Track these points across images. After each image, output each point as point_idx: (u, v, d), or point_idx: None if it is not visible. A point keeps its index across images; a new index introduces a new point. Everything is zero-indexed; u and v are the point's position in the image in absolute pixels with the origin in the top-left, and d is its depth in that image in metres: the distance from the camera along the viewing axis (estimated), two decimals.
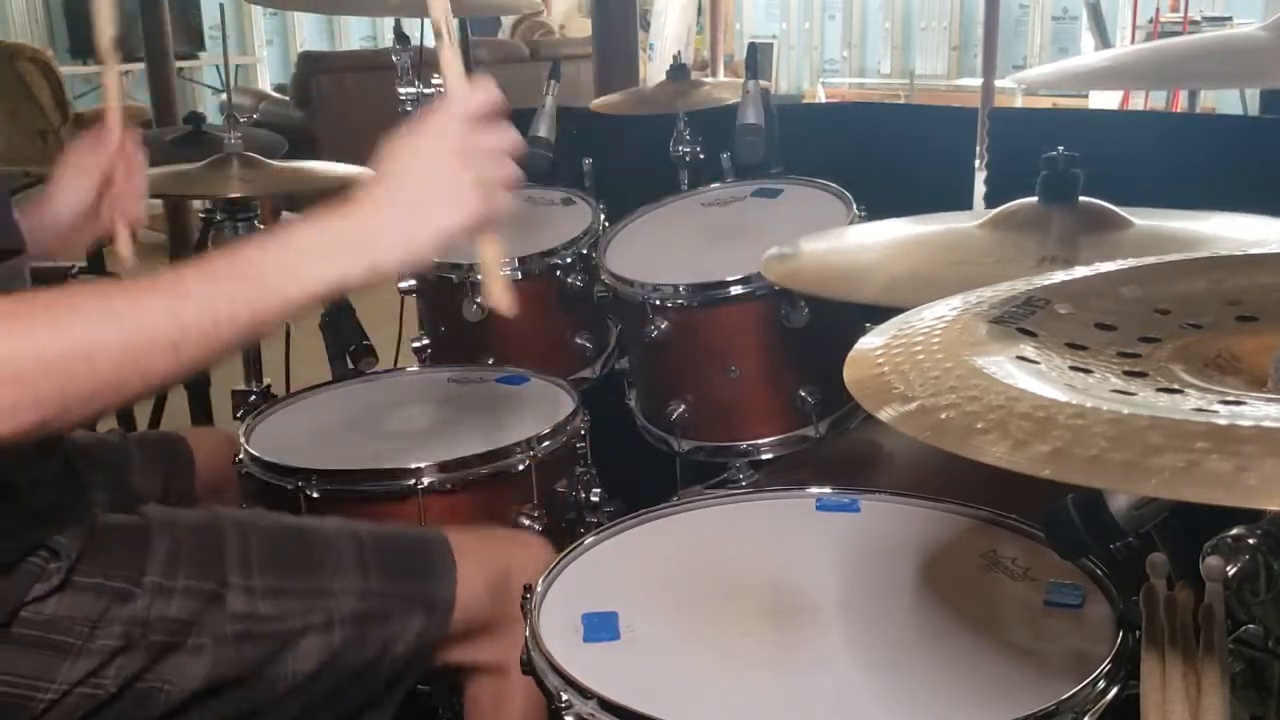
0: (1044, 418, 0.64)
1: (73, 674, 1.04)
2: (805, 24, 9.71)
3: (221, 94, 7.98)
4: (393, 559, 1.22)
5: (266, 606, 1.13)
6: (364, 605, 1.18)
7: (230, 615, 1.11)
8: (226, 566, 1.13)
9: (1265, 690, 0.81)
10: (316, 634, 1.15)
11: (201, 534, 1.16)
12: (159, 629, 1.08)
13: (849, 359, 0.81)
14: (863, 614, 1.04)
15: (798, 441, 1.73)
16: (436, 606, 1.21)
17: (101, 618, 1.05)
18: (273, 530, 1.23)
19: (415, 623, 1.20)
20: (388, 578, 1.20)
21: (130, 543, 1.11)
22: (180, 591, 1.10)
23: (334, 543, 1.22)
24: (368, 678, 1.19)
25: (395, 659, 1.19)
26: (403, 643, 1.19)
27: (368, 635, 1.17)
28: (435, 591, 1.21)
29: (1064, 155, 1.30)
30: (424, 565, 1.23)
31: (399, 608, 1.19)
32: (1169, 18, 7.45)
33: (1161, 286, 0.87)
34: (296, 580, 1.16)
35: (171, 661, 1.08)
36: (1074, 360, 0.75)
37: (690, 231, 1.93)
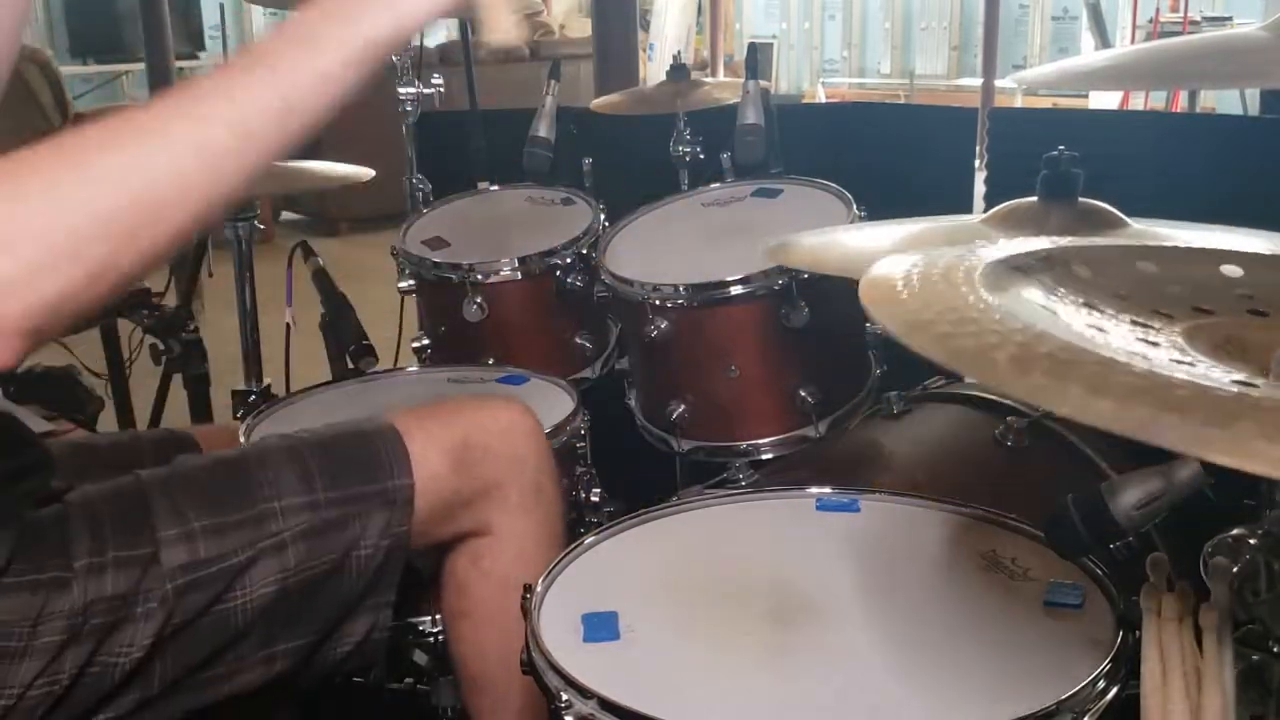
0: (1068, 360, 0.63)
1: (24, 676, 1.01)
2: (805, 24, 9.71)
3: None
4: (338, 464, 1.18)
5: (209, 547, 1.09)
6: (315, 517, 1.14)
7: (170, 571, 1.07)
8: (156, 523, 1.09)
9: (1265, 690, 0.81)
10: (268, 558, 1.11)
11: (123, 500, 1.12)
12: (98, 610, 1.04)
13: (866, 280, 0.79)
14: (862, 614, 1.04)
15: (798, 441, 1.73)
16: (395, 499, 1.17)
17: (40, 613, 1.02)
18: (201, 470, 1.18)
19: (376, 520, 1.16)
20: (336, 484, 1.16)
21: (55, 532, 1.07)
22: (112, 565, 1.06)
23: (270, 462, 1.18)
24: (334, 586, 1.15)
25: (364, 560, 1.16)
26: (367, 543, 1.16)
27: (324, 545, 1.14)
28: (390, 484, 1.18)
29: (1064, 155, 1.30)
30: (371, 460, 1.19)
31: (355, 510, 1.16)
32: (1169, 18, 7.45)
33: (1177, 268, 0.87)
34: (235, 510, 1.12)
35: (121, 636, 1.05)
36: (1090, 319, 0.75)
37: (690, 231, 1.93)
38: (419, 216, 2.23)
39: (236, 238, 2.45)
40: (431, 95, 2.29)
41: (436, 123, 2.47)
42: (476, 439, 1.24)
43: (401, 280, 2.01)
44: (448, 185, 2.36)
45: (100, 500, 1.12)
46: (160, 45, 4.53)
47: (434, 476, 1.20)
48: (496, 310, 1.91)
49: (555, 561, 1.13)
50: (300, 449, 1.20)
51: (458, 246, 2.04)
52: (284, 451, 1.20)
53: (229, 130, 0.87)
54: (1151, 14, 7.49)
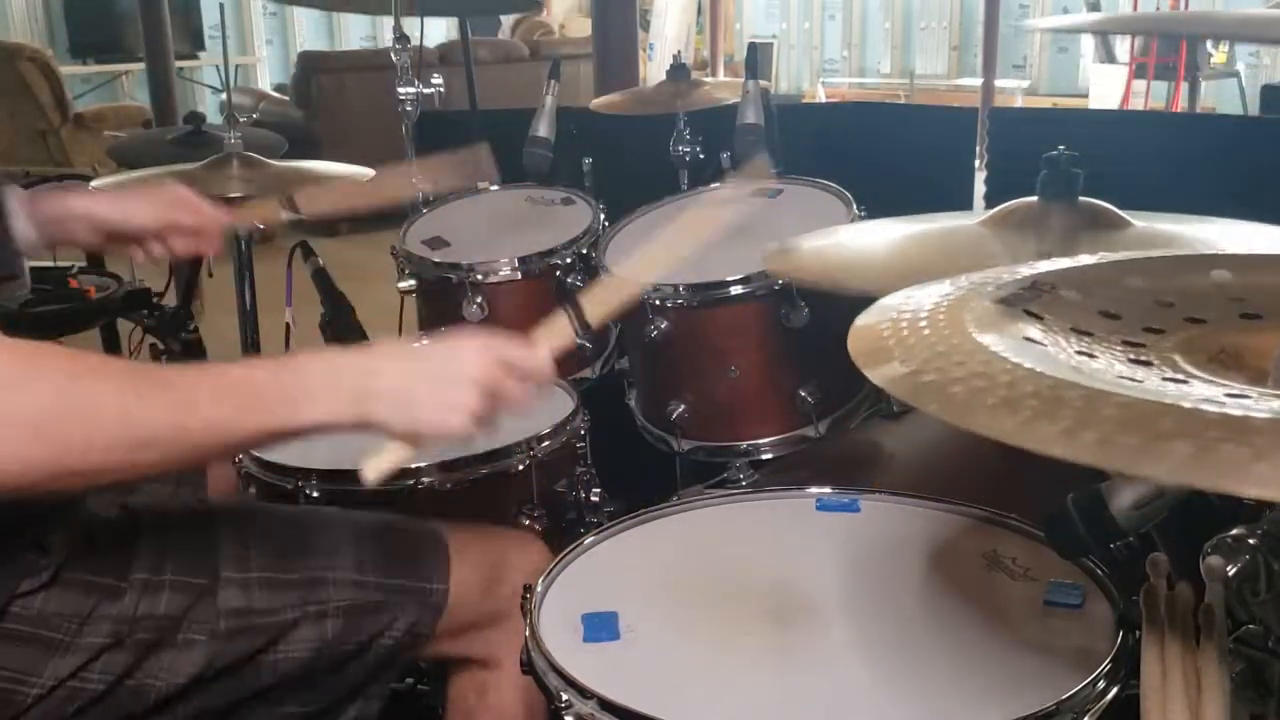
0: (1053, 397, 0.63)
1: (60, 670, 1.04)
2: (805, 24, 9.71)
3: (221, 94, 7.98)
4: (388, 550, 1.22)
5: (262, 599, 1.13)
6: (358, 596, 1.18)
7: (223, 611, 1.11)
8: (219, 560, 1.13)
9: (1265, 690, 0.81)
10: (310, 623, 1.15)
11: (192, 527, 1.16)
12: (146, 626, 1.08)
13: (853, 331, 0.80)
14: (863, 614, 1.04)
15: (798, 441, 1.73)
16: (429, 601, 1.21)
17: (90, 615, 1.06)
18: (268, 520, 1.22)
19: (407, 615, 1.20)
20: (383, 569, 1.20)
21: (117, 539, 1.11)
22: (169, 587, 1.09)
23: (330, 531, 1.22)
24: (355, 667, 1.19)
25: (383, 650, 1.19)
26: (392, 635, 1.19)
27: (360, 625, 1.17)
28: (428, 585, 1.21)
29: (1064, 155, 1.30)
30: (419, 558, 1.23)
31: (392, 600, 1.19)
32: None
33: (1166, 280, 0.87)
34: (292, 570, 1.16)
35: (161, 658, 1.08)
36: (1080, 346, 0.75)
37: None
38: (419, 216, 2.23)
39: (236, 238, 2.45)
40: (431, 95, 2.29)
41: (436, 123, 2.47)
42: (504, 570, 1.27)
43: (401, 280, 2.01)
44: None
45: (170, 521, 1.16)
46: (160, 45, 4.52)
47: (466, 592, 1.23)
48: (496, 310, 1.91)
49: (555, 561, 1.14)
50: (358, 525, 1.25)
51: (458, 246, 2.04)
52: (343, 525, 1.24)
53: (199, 442, 0.94)
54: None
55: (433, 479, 1.43)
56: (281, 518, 1.25)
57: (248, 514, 1.22)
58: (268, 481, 1.46)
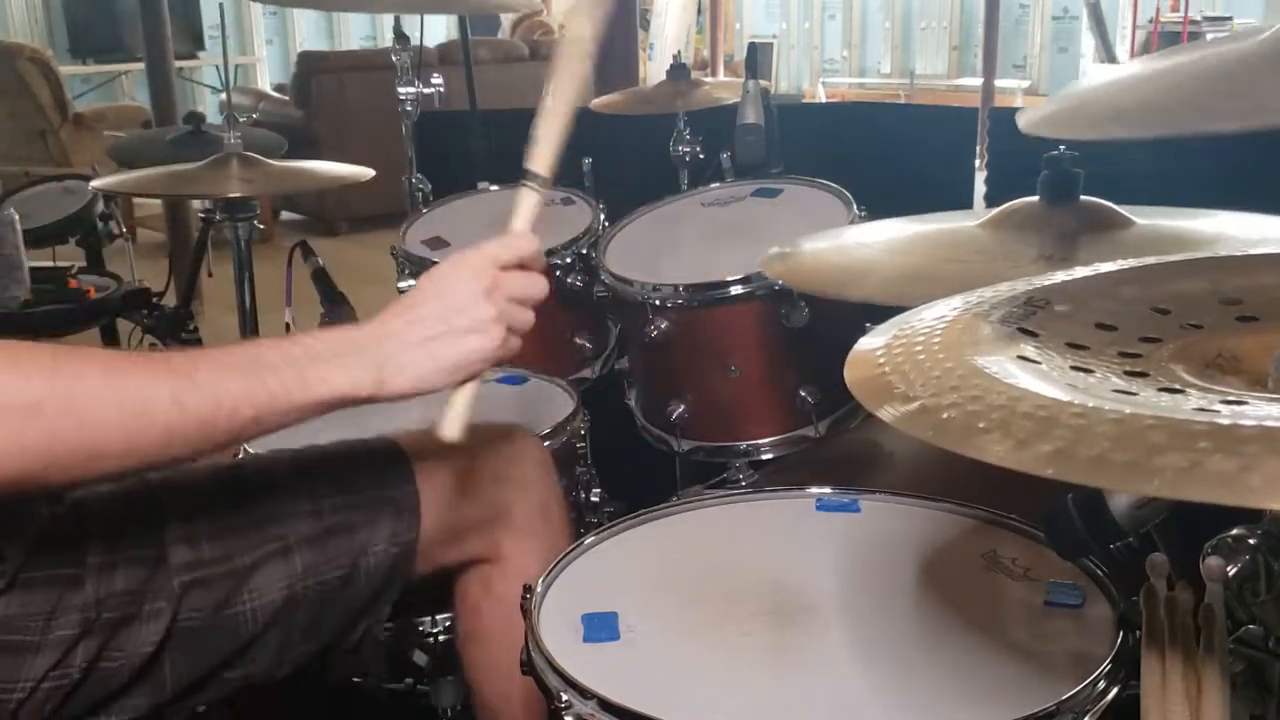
0: (1046, 417, 0.64)
1: (37, 669, 1.03)
2: (805, 24, 9.72)
3: (221, 94, 7.98)
4: (341, 472, 1.21)
5: (212, 550, 1.11)
6: (320, 523, 1.16)
7: (175, 568, 1.09)
8: (164, 525, 1.12)
9: (1265, 690, 0.81)
10: (274, 563, 1.13)
11: (134, 501, 1.14)
12: (110, 605, 1.06)
13: (850, 359, 0.81)
14: (863, 614, 1.04)
15: (798, 441, 1.73)
16: (401, 506, 1.19)
17: (55, 608, 1.04)
18: (209, 476, 1.20)
19: (382, 528, 1.18)
20: (340, 490, 1.18)
21: (70, 531, 1.09)
22: (123, 563, 1.08)
23: (273, 470, 1.20)
24: (346, 593, 1.17)
25: (371, 569, 1.18)
26: (374, 551, 1.18)
27: (332, 552, 1.16)
28: (395, 493, 1.20)
29: (1064, 155, 1.30)
30: (377, 471, 1.21)
31: (360, 518, 1.18)
32: (1169, 18, 7.46)
33: (1161, 286, 0.87)
34: (239, 516, 1.14)
35: (131, 633, 1.07)
36: (1075, 360, 0.75)
37: (690, 231, 1.92)
38: (419, 216, 2.23)
39: (236, 238, 2.45)
40: (431, 95, 2.29)
41: (436, 123, 2.47)
42: (484, 464, 1.26)
43: (401, 280, 2.01)
44: (448, 185, 2.36)
45: (112, 502, 1.14)
46: (160, 45, 4.51)
47: (442, 496, 1.22)
48: None
49: (555, 561, 1.14)
50: (305, 460, 1.23)
51: (458, 246, 2.03)
52: (289, 462, 1.23)
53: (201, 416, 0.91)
54: (1151, 14, 7.49)
55: None
56: (223, 471, 1.23)
57: (188, 476, 1.19)
58: None
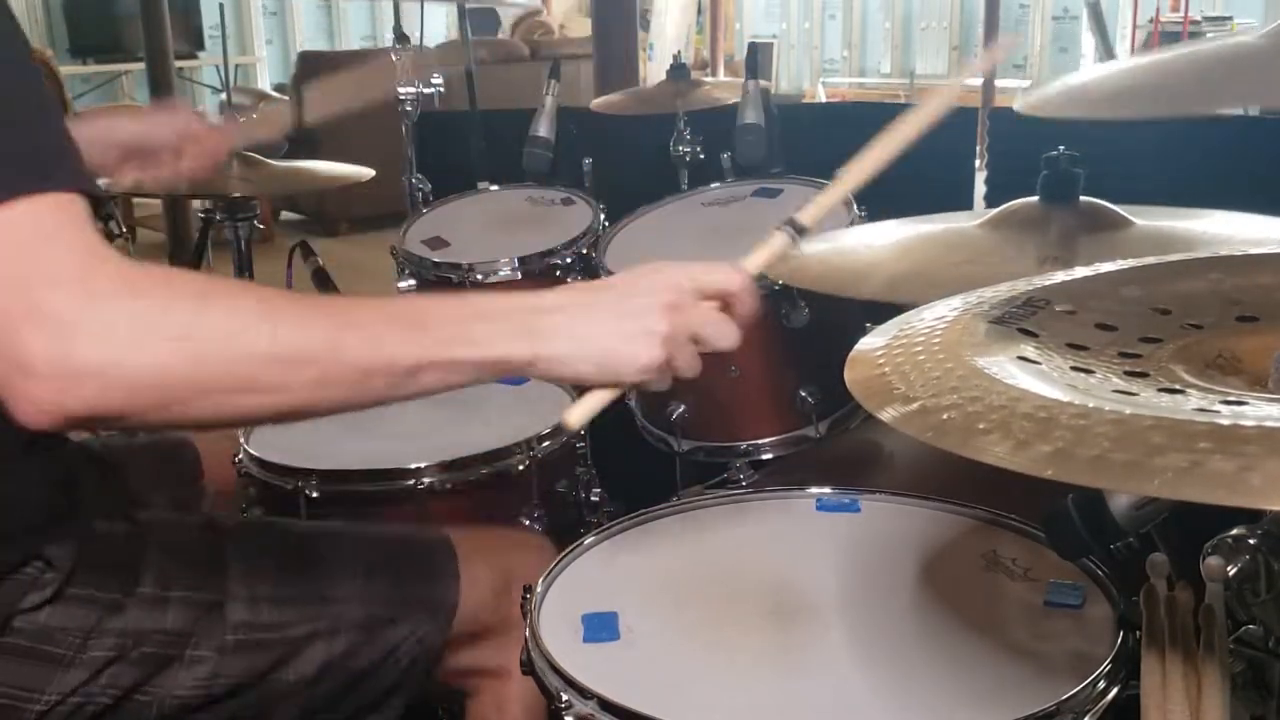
0: (1046, 418, 0.64)
1: (65, 684, 1.03)
2: (805, 24, 9.71)
3: (221, 94, 7.98)
4: (396, 563, 1.22)
5: (269, 615, 1.12)
6: (368, 611, 1.17)
7: (231, 625, 1.10)
8: (227, 575, 1.12)
9: (1265, 690, 0.81)
10: (320, 640, 1.14)
11: (199, 543, 1.15)
12: (153, 640, 1.07)
13: (850, 360, 0.81)
14: (863, 614, 1.04)
15: (798, 441, 1.73)
16: (440, 610, 1.20)
17: (94, 629, 1.04)
18: (275, 536, 1.22)
19: (419, 627, 1.19)
20: (392, 582, 1.20)
21: (125, 553, 1.10)
22: (176, 602, 1.08)
23: (337, 547, 1.22)
24: (369, 683, 1.18)
25: (398, 664, 1.19)
26: (406, 648, 1.19)
27: (372, 640, 1.17)
28: (438, 595, 1.21)
29: (1064, 155, 1.30)
30: (427, 569, 1.22)
31: (403, 613, 1.19)
32: (1169, 18, 7.45)
33: (1162, 287, 0.87)
34: (299, 587, 1.16)
35: (169, 674, 1.07)
36: (1075, 361, 0.75)
37: (690, 231, 1.92)
38: (419, 216, 2.23)
39: (236, 237, 2.45)
40: (431, 95, 2.29)
41: (436, 123, 2.47)
42: (514, 574, 1.25)
43: (401, 280, 2.01)
44: (448, 185, 2.36)
45: (177, 536, 1.15)
46: (160, 45, 4.51)
47: (477, 598, 1.23)
48: None
49: (555, 561, 1.14)
50: (365, 540, 1.24)
51: (458, 246, 2.04)
52: (349, 538, 1.24)
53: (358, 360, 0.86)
54: (1151, 14, 7.49)
55: (433, 479, 1.43)
56: (288, 534, 1.24)
57: (255, 531, 1.21)
58: (267, 481, 1.46)
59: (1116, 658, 0.91)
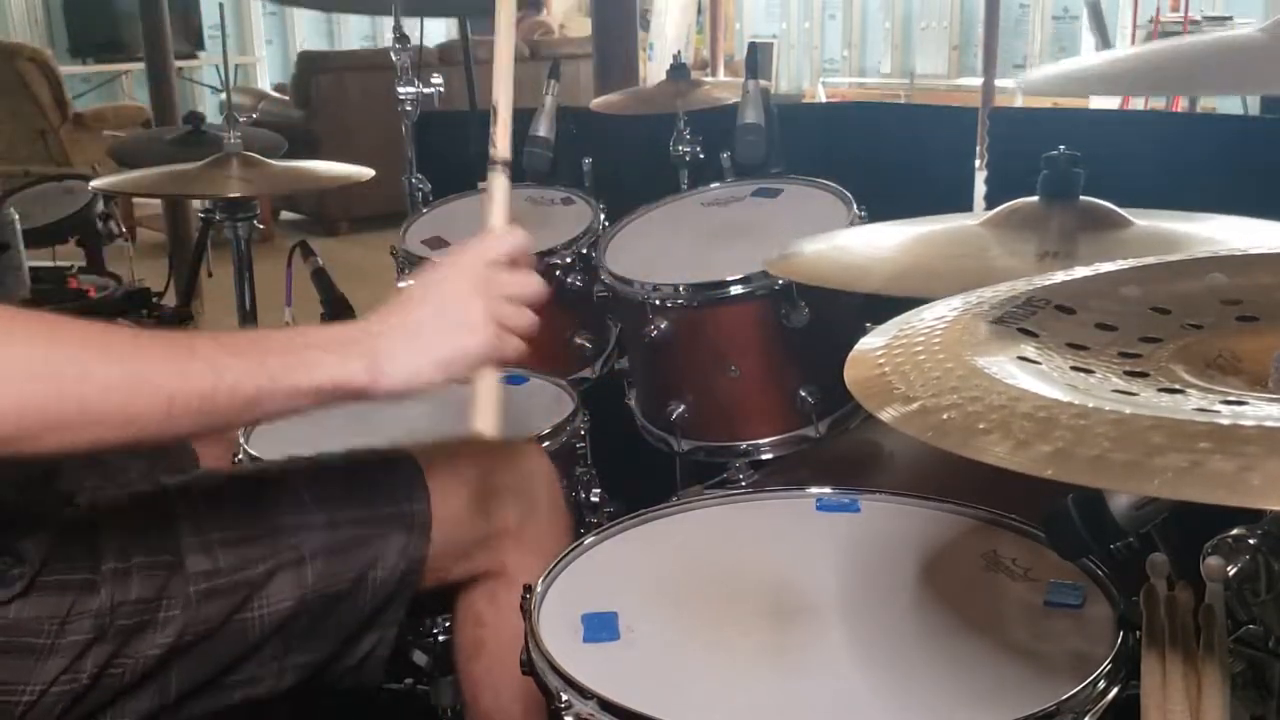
0: (1046, 418, 0.64)
1: (47, 673, 1.03)
2: (805, 24, 9.71)
3: (221, 94, 7.98)
4: (357, 485, 1.21)
5: (227, 558, 1.12)
6: (333, 535, 1.17)
7: (192, 577, 1.10)
8: (179, 532, 1.12)
9: (1265, 690, 0.81)
10: (286, 572, 1.14)
11: (149, 508, 1.15)
12: (124, 613, 1.07)
13: (850, 359, 0.81)
14: (863, 614, 1.04)
15: (798, 441, 1.73)
16: (413, 523, 1.20)
17: (69, 614, 1.04)
18: (224, 483, 1.21)
19: (394, 543, 1.19)
20: (354, 504, 1.19)
21: (85, 536, 1.10)
22: (137, 570, 1.08)
23: (289, 480, 1.21)
24: (351, 605, 1.18)
25: (379, 581, 1.18)
26: (384, 565, 1.18)
27: (344, 563, 1.16)
28: (407, 509, 1.20)
29: (1064, 155, 1.30)
30: (391, 484, 1.22)
31: (373, 532, 1.18)
32: (1169, 17, 7.45)
33: (1161, 286, 0.87)
34: (254, 525, 1.15)
35: (140, 638, 1.08)
36: (1075, 360, 0.75)
37: (690, 231, 1.92)
38: (419, 216, 2.23)
39: (236, 237, 2.45)
40: (431, 95, 2.29)
41: (436, 123, 2.47)
42: (495, 480, 1.26)
43: (401, 280, 2.01)
44: (448, 185, 2.36)
45: (128, 508, 1.15)
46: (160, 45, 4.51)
47: (452, 512, 1.23)
48: None
49: (555, 561, 1.14)
50: (320, 469, 1.23)
51: (458, 246, 2.03)
52: (304, 471, 1.23)
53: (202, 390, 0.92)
54: (1151, 14, 7.49)
55: None
56: (237, 478, 1.24)
57: (202, 481, 1.21)
58: None
59: (1116, 658, 0.92)
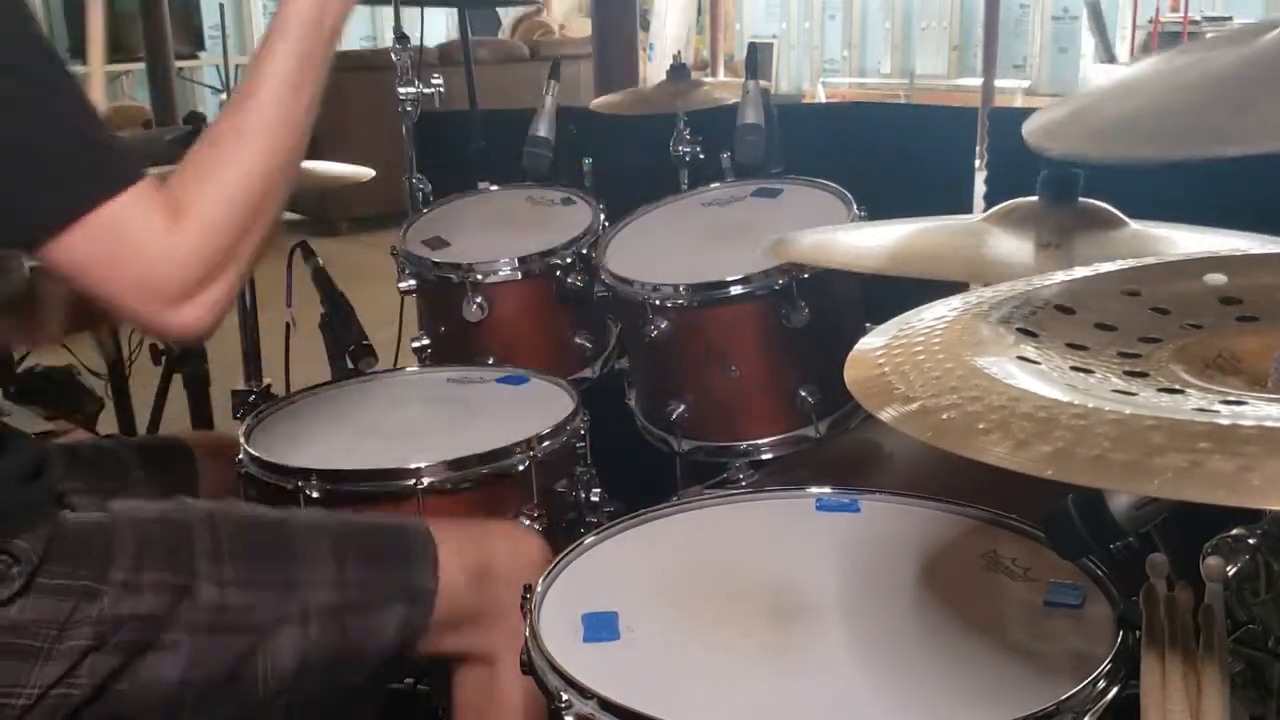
0: (1046, 418, 0.64)
1: (45, 677, 1.03)
2: (805, 24, 9.72)
3: (221, 94, 7.97)
4: (370, 548, 1.22)
5: (237, 598, 1.12)
6: (341, 596, 1.17)
7: (201, 606, 1.10)
8: (195, 558, 1.12)
9: (1265, 690, 0.81)
10: (292, 626, 1.14)
11: (168, 526, 1.15)
12: (130, 627, 1.07)
13: (850, 359, 0.81)
14: (863, 614, 1.04)
15: (798, 441, 1.73)
16: (418, 596, 1.20)
17: (69, 619, 1.04)
18: (243, 521, 1.22)
19: (396, 613, 1.19)
20: (365, 567, 1.20)
21: (95, 541, 1.10)
22: (148, 586, 1.09)
23: (307, 533, 1.21)
24: (350, 670, 1.18)
25: (378, 650, 1.19)
26: (384, 634, 1.19)
27: (346, 627, 1.17)
28: (415, 580, 1.21)
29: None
30: (403, 554, 1.22)
31: (378, 598, 1.19)
32: (1169, 18, 7.45)
33: (1161, 286, 0.87)
34: (268, 571, 1.15)
35: (147, 661, 1.08)
36: (1075, 361, 0.75)
37: (690, 231, 1.92)
38: (419, 216, 2.23)
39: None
40: (431, 95, 2.29)
41: (436, 123, 2.47)
42: (499, 564, 1.27)
43: (401, 280, 2.01)
44: (448, 185, 2.36)
45: (149, 521, 1.15)
46: (160, 45, 4.52)
47: (456, 584, 1.23)
48: (496, 310, 1.91)
49: (555, 561, 1.14)
50: (336, 526, 1.24)
51: (458, 246, 2.04)
52: (320, 524, 1.24)
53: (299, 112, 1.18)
54: (1151, 14, 7.49)
55: (433, 479, 1.43)
56: (259, 519, 1.24)
57: (224, 514, 1.21)
58: (267, 481, 1.46)
59: (1116, 657, 0.92)
